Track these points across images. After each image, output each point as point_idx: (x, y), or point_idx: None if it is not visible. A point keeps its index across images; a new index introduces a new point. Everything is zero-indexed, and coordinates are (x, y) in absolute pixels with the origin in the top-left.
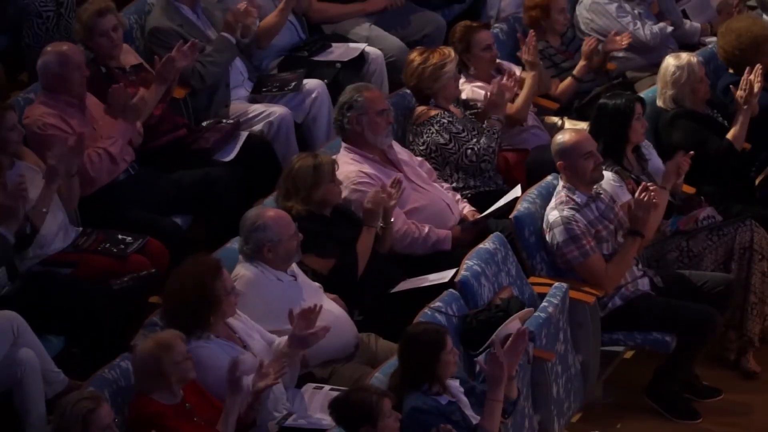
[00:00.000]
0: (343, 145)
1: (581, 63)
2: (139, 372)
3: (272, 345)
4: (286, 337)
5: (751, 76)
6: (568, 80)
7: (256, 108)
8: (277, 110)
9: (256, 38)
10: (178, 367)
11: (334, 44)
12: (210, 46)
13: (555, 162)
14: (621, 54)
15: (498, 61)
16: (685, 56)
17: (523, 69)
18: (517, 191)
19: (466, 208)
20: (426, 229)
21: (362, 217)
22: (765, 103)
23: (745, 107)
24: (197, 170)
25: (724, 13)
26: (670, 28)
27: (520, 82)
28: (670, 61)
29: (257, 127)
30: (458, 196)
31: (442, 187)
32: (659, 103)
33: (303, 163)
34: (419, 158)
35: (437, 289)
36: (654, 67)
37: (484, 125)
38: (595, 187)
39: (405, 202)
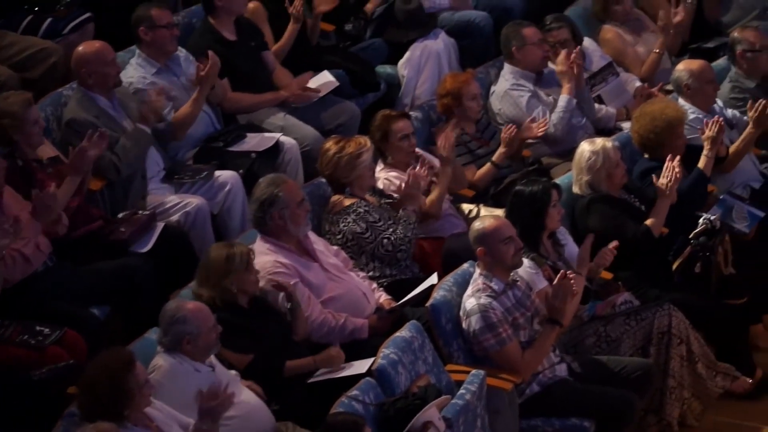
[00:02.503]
0: (259, 235)
1: (501, 150)
2: None
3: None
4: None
5: (674, 163)
6: (487, 167)
7: (173, 199)
8: (194, 201)
9: (172, 129)
10: None
11: (249, 134)
12: (124, 137)
13: (474, 249)
14: (536, 141)
15: (416, 150)
16: (600, 141)
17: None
18: (433, 279)
19: (383, 297)
20: (342, 319)
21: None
22: (681, 189)
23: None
24: (114, 261)
25: (639, 97)
26: (581, 120)
27: (435, 172)
28: (585, 147)
29: (174, 218)
30: (374, 285)
31: (358, 276)
32: (575, 189)
33: (217, 253)
34: (335, 247)
35: (354, 377)
36: (569, 153)
37: (399, 214)
38: (511, 274)
39: (321, 291)
